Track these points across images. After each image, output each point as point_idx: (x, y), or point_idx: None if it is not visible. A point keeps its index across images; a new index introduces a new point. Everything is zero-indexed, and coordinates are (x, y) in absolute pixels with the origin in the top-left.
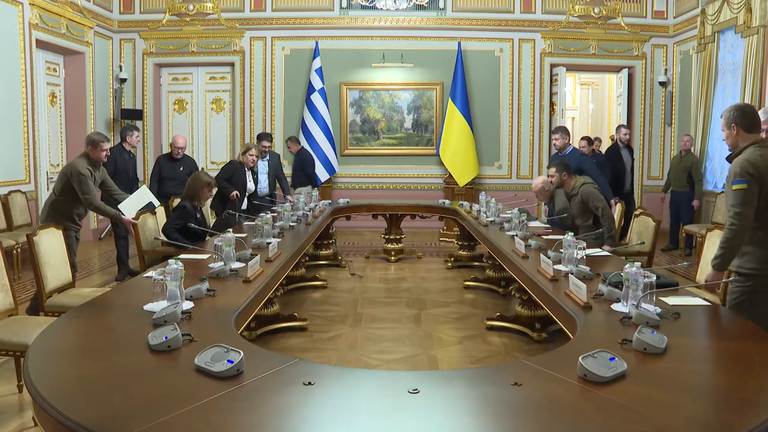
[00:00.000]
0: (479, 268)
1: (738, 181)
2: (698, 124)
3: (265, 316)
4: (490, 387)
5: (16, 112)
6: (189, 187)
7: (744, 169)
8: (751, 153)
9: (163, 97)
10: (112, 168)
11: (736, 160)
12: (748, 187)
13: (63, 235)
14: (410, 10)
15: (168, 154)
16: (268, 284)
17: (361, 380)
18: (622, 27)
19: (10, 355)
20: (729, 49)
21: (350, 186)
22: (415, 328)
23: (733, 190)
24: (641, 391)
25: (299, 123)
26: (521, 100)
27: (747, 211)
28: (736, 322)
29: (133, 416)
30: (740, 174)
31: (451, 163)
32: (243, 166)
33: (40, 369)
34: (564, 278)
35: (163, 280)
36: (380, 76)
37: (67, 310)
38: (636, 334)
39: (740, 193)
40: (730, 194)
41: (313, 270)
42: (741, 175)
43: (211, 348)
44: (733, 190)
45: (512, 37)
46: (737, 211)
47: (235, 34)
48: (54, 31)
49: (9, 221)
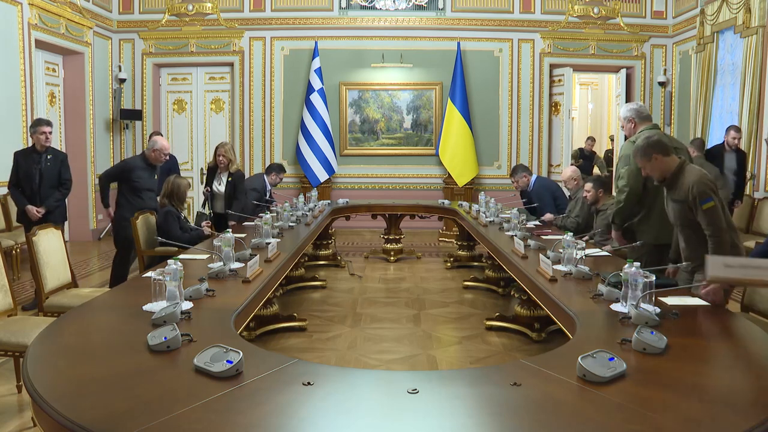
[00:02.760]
0: (478, 268)
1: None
2: (698, 124)
3: (264, 317)
4: (489, 387)
5: (15, 112)
6: (172, 193)
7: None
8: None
9: (162, 98)
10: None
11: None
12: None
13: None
14: (409, 10)
15: (144, 159)
16: (268, 284)
17: (361, 380)
18: (622, 27)
19: (9, 355)
20: (728, 49)
21: (349, 186)
22: (414, 328)
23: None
24: (640, 391)
25: (298, 123)
26: (520, 100)
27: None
28: (736, 322)
29: (133, 416)
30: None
31: (451, 163)
32: (214, 169)
33: (40, 369)
34: (563, 278)
35: (162, 281)
36: (379, 76)
37: (66, 310)
38: (635, 334)
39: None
40: None
41: (312, 270)
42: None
43: (211, 348)
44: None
45: (511, 37)
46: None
47: (234, 34)
48: (53, 31)
49: (8, 221)
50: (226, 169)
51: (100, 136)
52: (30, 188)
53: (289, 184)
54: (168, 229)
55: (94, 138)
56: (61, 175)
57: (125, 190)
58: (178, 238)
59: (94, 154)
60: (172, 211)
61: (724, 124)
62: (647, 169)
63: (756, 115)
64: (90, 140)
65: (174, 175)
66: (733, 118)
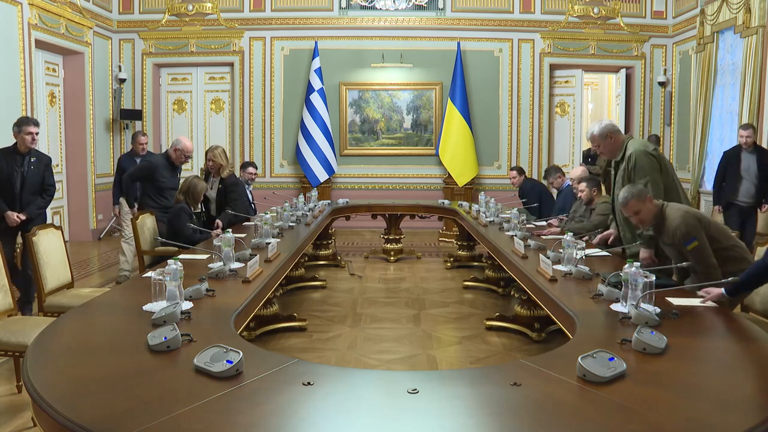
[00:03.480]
0: (478, 268)
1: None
2: (698, 124)
3: (264, 317)
4: (489, 387)
5: (15, 112)
6: (188, 191)
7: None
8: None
9: (162, 98)
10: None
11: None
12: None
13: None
14: (409, 10)
15: (166, 158)
16: (268, 284)
17: (361, 380)
18: (622, 27)
19: (9, 355)
20: (728, 49)
21: (349, 186)
22: (414, 328)
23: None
24: (640, 391)
25: (298, 123)
26: (520, 100)
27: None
28: (736, 322)
29: (133, 416)
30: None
31: (451, 163)
32: (208, 173)
33: (39, 369)
34: (563, 278)
35: (162, 281)
36: (379, 76)
37: (66, 310)
38: (635, 334)
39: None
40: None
41: (312, 270)
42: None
43: (211, 348)
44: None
45: (511, 37)
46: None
47: (234, 34)
48: (53, 31)
49: None
50: (217, 174)
51: (100, 136)
52: (10, 192)
53: (289, 184)
54: (180, 225)
55: (94, 138)
56: (45, 180)
57: (150, 190)
58: (188, 236)
59: (94, 154)
60: (186, 207)
61: (724, 124)
62: (640, 215)
63: (756, 115)
64: (90, 140)
65: (194, 175)
66: (733, 118)
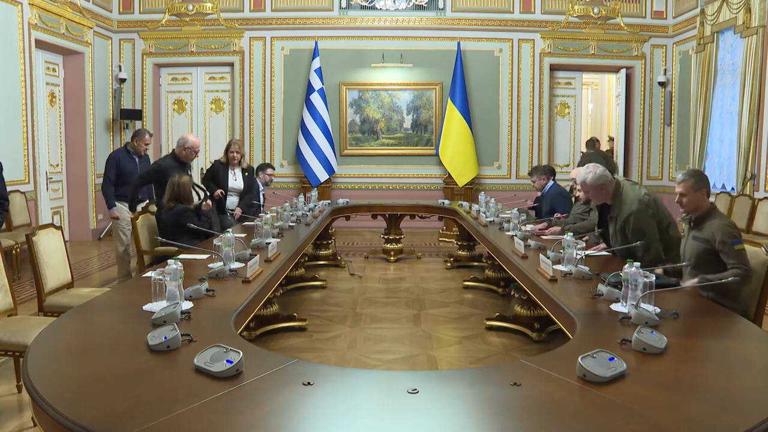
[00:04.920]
0: (478, 268)
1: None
2: (697, 124)
3: (264, 317)
4: (489, 387)
5: (15, 112)
6: (180, 195)
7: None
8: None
9: (162, 97)
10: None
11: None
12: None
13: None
14: (409, 10)
15: (175, 158)
16: (268, 284)
17: (361, 380)
18: (622, 27)
19: (9, 355)
20: (728, 49)
21: (349, 186)
22: (414, 328)
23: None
24: (640, 391)
25: (298, 123)
26: (521, 100)
27: None
28: (736, 322)
29: (133, 416)
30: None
31: (451, 163)
32: (225, 165)
33: (39, 369)
34: (563, 278)
35: (163, 281)
36: (380, 76)
37: (66, 310)
38: (635, 334)
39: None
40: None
41: (312, 270)
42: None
43: (211, 348)
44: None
45: (511, 37)
46: None
47: (234, 34)
48: (53, 31)
49: (8, 221)
50: (238, 164)
51: (100, 136)
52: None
53: (289, 184)
54: (188, 222)
55: (94, 138)
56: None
57: (161, 191)
58: (197, 229)
59: (94, 154)
60: (184, 206)
61: (724, 124)
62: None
63: (756, 115)
64: (90, 140)
65: (176, 176)
66: (733, 118)
